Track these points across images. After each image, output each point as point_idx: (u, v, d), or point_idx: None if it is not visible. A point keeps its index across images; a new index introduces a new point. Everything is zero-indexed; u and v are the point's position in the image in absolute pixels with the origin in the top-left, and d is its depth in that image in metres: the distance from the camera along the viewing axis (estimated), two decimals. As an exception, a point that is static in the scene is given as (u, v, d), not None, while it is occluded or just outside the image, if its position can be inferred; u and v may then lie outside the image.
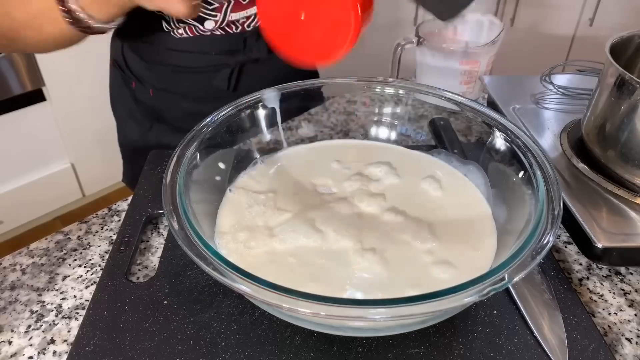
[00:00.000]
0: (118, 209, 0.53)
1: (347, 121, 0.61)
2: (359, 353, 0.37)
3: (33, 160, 1.65)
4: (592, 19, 1.72)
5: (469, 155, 0.51)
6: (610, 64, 0.47)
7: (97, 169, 1.80)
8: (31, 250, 0.48)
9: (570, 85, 0.65)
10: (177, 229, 0.35)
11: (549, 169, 0.40)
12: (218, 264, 0.32)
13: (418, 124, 0.55)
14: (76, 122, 1.68)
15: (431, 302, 0.30)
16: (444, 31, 0.75)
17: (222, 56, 0.69)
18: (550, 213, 0.36)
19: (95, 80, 1.67)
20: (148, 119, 0.75)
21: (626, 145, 0.48)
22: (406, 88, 0.52)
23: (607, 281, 0.45)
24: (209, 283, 0.42)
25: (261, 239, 0.42)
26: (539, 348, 0.37)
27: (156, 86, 0.72)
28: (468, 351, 0.37)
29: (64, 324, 0.41)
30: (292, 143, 0.54)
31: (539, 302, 0.40)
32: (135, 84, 0.73)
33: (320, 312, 0.29)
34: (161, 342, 0.38)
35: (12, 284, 0.45)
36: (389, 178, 0.50)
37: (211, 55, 0.68)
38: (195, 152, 0.43)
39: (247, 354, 0.37)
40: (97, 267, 0.46)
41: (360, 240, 0.42)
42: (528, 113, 0.61)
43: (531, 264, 0.32)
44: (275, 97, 0.51)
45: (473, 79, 0.70)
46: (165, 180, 0.39)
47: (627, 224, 0.45)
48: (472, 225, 0.44)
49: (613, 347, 0.40)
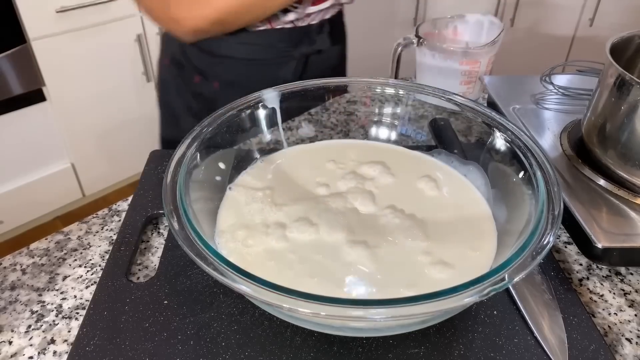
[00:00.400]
0: (118, 209, 0.53)
1: (347, 121, 0.61)
2: (359, 353, 0.37)
3: (33, 160, 1.65)
4: (592, 19, 1.72)
5: (469, 155, 0.51)
6: (611, 64, 0.47)
7: (97, 169, 1.80)
8: (31, 250, 0.48)
9: (571, 85, 0.65)
10: (178, 229, 0.35)
11: (549, 169, 0.40)
12: (218, 264, 0.32)
13: (418, 124, 0.55)
14: (76, 122, 1.68)
15: (431, 302, 0.30)
16: (444, 31, 0.75)
17: (289, 48, 0.74)
18: (550, 213, 0.36)
19: (95, 80, 1.67)
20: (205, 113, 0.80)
21: (626, 145, 0.48)
22: (406, 88, 0.52)
23: (607, 281, 0.45)
24: (209, 283, 0.42)
25: (259, 237, 0.42)
26: (539, 348, 0.37)
27: (223, 79, 0.76)
28: (468, 351, 0.37)
29: (64, 324, 0.41)
30: (292, 143, 0.55)
31: (539, 303, 0.40)
32: (200, 79, 0.77)
33: (321, 312, 0.30)
34: (161, 342, 0.38)
35: (13, 284, 0.45)
36: (387, 178, 0.50)
37: (279, 47, 0.73)
38: (196, 152, 0.43)
39: (248, 354, 0.37)
40: (98, 267, 0.46)
41: (354, 234, 0.42)
42: (528, 113, 0.61)
43: (531, 264, 0.32)
44: (275, 97, 0.51)
45: (473, 79, 0.70)
46: (166, 181, 0.39)
47: (627, 224, 0.45)
48: (471, 225, 0.44)
49: (613, 347, 0.40)
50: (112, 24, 1.64)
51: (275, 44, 0.72)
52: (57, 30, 1.53)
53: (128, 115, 1.81)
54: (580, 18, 1.75)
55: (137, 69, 1.76)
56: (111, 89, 1.73)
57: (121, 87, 1.75)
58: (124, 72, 1.74)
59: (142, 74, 1.78)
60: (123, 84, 1.75)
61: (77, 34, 1.57)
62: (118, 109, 1.78)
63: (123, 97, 1.78)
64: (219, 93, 0.77)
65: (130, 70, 1.75)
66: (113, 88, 1.73)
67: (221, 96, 0.76)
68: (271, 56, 0.73)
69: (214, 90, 0.77)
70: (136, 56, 1.74)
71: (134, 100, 1.81)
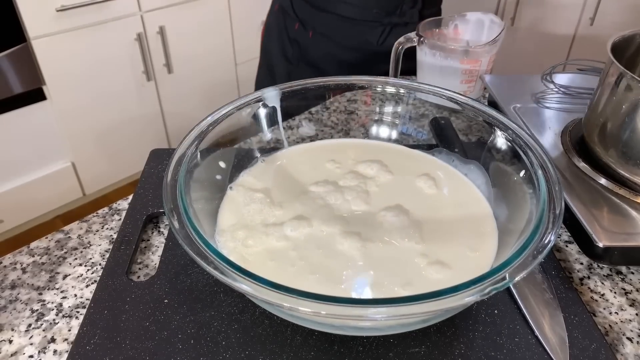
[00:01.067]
0: (118, 207, 0.53)
1: (348, 120, 0.61)
2: (359, 352, 0.37)
3: (33, 159, 1.65)
4: (593, 18, 1.71)
5: (470, 154, 0.50)
6: (612, 63, 0.47)
7: (98, 168, 1.80)
8: (31, 249, 0.48)
9: (571, 84, 0.65)
10: (178, 227, 0.35)
11: (550, 168, 0.40)
12: (219, 262, 0.32)
13: (419, 123, 0.55)
14: (76, 121, 1.68)
15: (432, 301, 0.30)
16: (444, 30, 0.75)
17: (381, 14, 0.81)
18: (551, 212, 0.36)
19: (95, 79, 1.67)
20: (296, 58, 0.91)
21: (627, 144, 0.48)
22: (407, 87, 0.52)
23: (608, 280, 0.45)
24: (210, 282, 0.42)
25: (258, 237, 0.42)
26: (540, 347, 0.37)
27: (317, 30, 0.86)
28: (469, 350, 0.37)
29: (65, 323, 0.41)
30: (293, 142, 0.54)
31: (539, 302, 0.40)
32: (298, 26, 0.88)
33: (321, 311, 0.29)
34: (162, 341, 0.38)
35: (13, 282, 0.45)
36: (387, 176, 0.50)
37: (371, 11, 0.81)
38: (196, 151, 0.43)
39: (248, 353, 0.37)
40: (98, 266, 0.46)
41: (350, 230, 0.42)
42: (529, 112, 0.61)
43: (532, 264, 0.32)
44: (275, 96, 0.51)
45: (474, 78, 0.70)
46: (166, 179, 0.39)
47: (628, 224, 0.45)
48: (470, 224, 0.44)
49: (614, 346, 0.40)
50: (112, 23, 1.64)
51: (369, 7, 0.79)
52: (57, 29, 1.53)
53: (128, 114, 1.81)
54: (581, 17, 1.75)
55: (138, 67, 1.76)
56: (111, 88, 1.73)
57: (121, 86, 1.75)
58: (124, 70, 1.74)
59: (142, 72, 1.78)
60: (123, 83, 1.75)
61: (78, 33, 1.57)
62: (118, 108, 1.78)
63: (123, 96, 1.78)
64: (311, 42, 0.87)
65: (131, 69, 1.75)
66: (113, 87, 1.73)
67: (312, 44, 0.87)
68: (363, 18, 0.81)
69: (308, 39, 0.87)
70: (136, 55, 1.74)
71: (135, 99, 1.81)
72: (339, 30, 0.84)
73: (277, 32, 0.94)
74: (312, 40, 0.87)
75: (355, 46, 0.85)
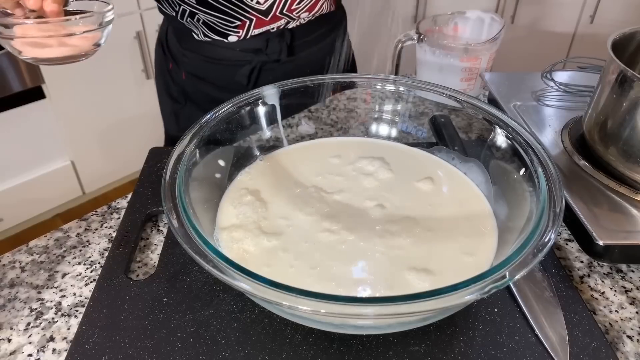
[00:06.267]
0: (118, 206, 0.53)
1: (348, 118, 0.61)
2: (359, 351, 0.37)
3: (33, 157, 1.65)
4: (593, 16, 1.71)
5: (470, 152, 0.50)
6: (612, 61, 0.47)
7: (97, 167, 1.80)
8: (30, 247, 0.48)
9: (572, 82, 0.65)
10: (177, 226, 0.34)
11: (550, 166, 0.40)
12: (218, 261, 0.32)
13: (419, 121, 0.55)
14: (76, 119, 1.68)
15: (432, 299, 0.29)
16: (444, 28, 0.75)
17: (247, 53, 0.75)
18: (551, 210, 0.36)
19: (94, 78, 1.67)
20: (182, 97, 0.84)
21: (628, 142, 0.47)
22: (407, 85, 0.52)
23: (608, 279, 0.45)
24: (209, 281, 0.42)
25: (256, 235, 0.42)
26: (540, 346, 0.37)
27: (188, 70, 0.79)
28: (469, 349, 0.37)
29: (64, 322, 0.41)
30: (292, 140, 0.54)
31: (540, 300, 0.40)
32: (172, 65, 0.80)
33: (320, 310, 0.29)
34: (161, 340, 0.38)
35: (12, 281, 0.44)
36: (386, 174, 0.50)
37: (236, 51, 0.74)
38: (195, 149, 0.43)
39: (247, 352, 0.37)
40: (97, 264, 0.46)
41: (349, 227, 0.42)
42: (529, 110, 0.61)
43: (532, 262, 0.32)
44: (275, 94, 0.50)
45: (474, 76, 0.70)
46: (165, 178, 0.39)
47: (629, 222, 0.45)
48: (471, 222, 0.44)
49: (614, 344, 0.40)
50: (111, 21, 1.63)
51: (234, 47, 0.74)
52: (56, 27, 1.52)
53: (127, 113, 1.81)
54: (581, 15, 1.74)
55: (137, 66, 1.76)
56: (111, 86, 1.73)
57: (121, 85, 1.75)
58: (123, 69, 1.73)
59: (141, 71, 1.77)
60: (122, 81, 1.75)
61: (77, 31, 1.57)
62: (118, 107, 1.77)
63: (122, 95, 1.77)
64: (186, 83, 0.80)
65: (130, 67, 1.74)
66: (112, 85, 1.73)
67: (187, 85, 0.80)
68: (227, 58, 0.75)
69: (182, 80, 0.80)
70: (135, 53, 1.73)
71: (134, 97, 1.80)
72: (208, 71, 0.78)
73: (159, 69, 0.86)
74: (186, 82, 0.80)
75: (229, 86, 0.77)
